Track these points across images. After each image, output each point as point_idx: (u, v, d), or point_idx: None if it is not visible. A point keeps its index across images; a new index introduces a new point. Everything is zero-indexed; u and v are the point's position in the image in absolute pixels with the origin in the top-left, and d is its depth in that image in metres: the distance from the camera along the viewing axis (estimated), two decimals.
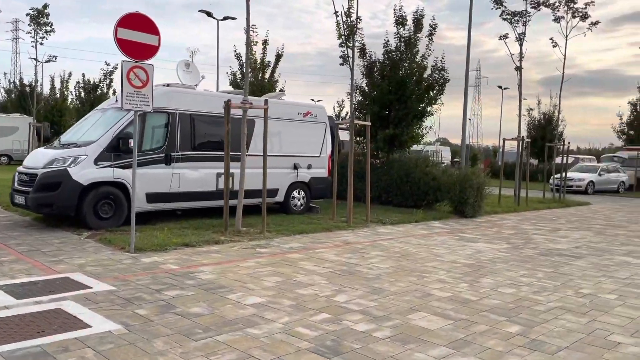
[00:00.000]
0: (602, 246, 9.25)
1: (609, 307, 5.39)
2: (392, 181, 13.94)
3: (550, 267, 7.26)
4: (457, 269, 6.95)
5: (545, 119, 31.80)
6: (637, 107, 29.65)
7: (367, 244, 8.55)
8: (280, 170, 11.12)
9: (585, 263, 7.67)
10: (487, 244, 8.97)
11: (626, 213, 15.62)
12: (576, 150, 56.86)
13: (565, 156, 19.91)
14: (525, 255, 8.08)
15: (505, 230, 10.81)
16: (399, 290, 5.70)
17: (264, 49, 18.80)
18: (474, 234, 10.18)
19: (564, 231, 11.07)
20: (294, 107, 11.60)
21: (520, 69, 15.83)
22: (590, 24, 16.84)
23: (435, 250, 8.19)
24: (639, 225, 12.68)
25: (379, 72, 14.22)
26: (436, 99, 14.22)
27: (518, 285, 6.15)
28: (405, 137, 14.02)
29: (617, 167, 25.99)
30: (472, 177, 12.78)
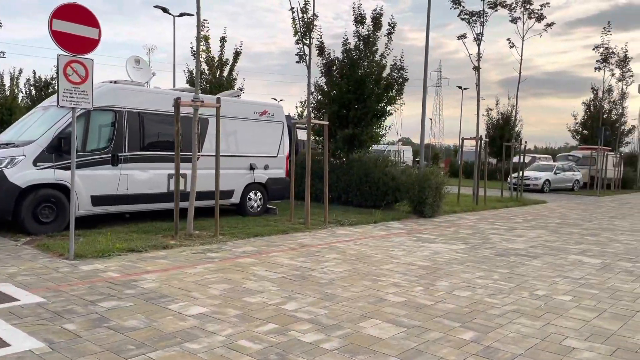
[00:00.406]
0: (558, 245, 9.31)
1: (563, 309, 5.32)
2: (352, 181, 13.78)
3: (506, 268, 7.19)
4: (413, 271, 6.79)
5: (503, 119, 32.34)
6: (591, 107, 30.52)
7: (323, 246, 8.31)
8: (236, 170, 10.77)
9: (541, 263, 7.65)
10: (445, 245, 8.88)
11: (581, 211, 15.95)
12: (533, 149, 58.33)
13: (523, 155, 20.24)
14: (482, 256, 8.02)
15: (463, 230, 10.78)
16: (352, 296, 5.48)
17: (221, 46, 18.32)
18: (432, 234, 10.10)
19: (521, 230, 11.13)
20: (250, 105, 11.26)
21: (479, 69, 15.94)
22: (545, 25, 17.17)
23: (392, 252, 8.03)
24: (593, 223, 12.92)
25: (338, 71, 14.02)
26: (395, 98, 14.13)
27: (474, 288, 6.03)
28: (365, 137, 13.87)
29: (572, 166, 26.70)
30: (430, 177, 12.73)
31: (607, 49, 24.18)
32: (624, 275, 7.01)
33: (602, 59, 24.55)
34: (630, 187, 29.12)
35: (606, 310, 5.31)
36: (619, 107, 29.82)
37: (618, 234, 11.02)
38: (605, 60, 24.63)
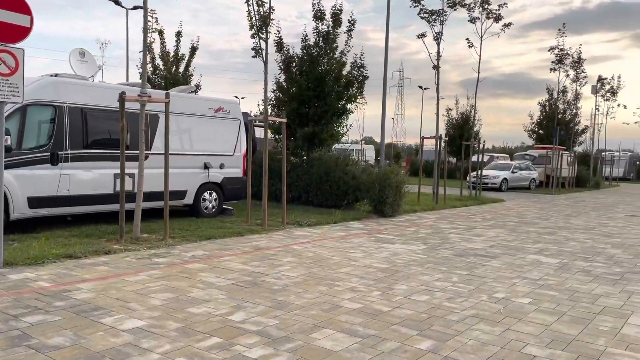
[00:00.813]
0: (516, 244, 9.26)
1: (523, 312, 5.15)
2: (312, 180, 13.48)
3: (465, 269, 7.03)
4: (371, 274, 6.53)
5: (462, 118, 32.80)
6: (546, 107, 31.24)
7: (279, 249, 7.97)
8: (189, 170, 10.28)
9: (500, 263, 7.54)
10: (404, 245, 8.68)
11: (537, 210, 16.15)
12: (492, 148, 59.56)
13: (481, 154, 20.43)
14: (441, 257, 7.85)
15: (423, 230, 10.64)
16: (306, 303, 5.16)
17: (177, 41, 17.72)
18: (392, 234, 9.90)
19: (480, 229, 11.08)
20: (204, 102, 10.78)
21: (438, 68, 15.92)
22: (503, 26, 17.33)
23: (350, 254, 7.76)
24: (549, 221, 13.04)
25: (297, 68, 13.69)
26: (356, 96, 13.91)
27: (432, 291, 5.81)
28: (325, 135, 13.60)
29: (529, 165, 27.23)
30: (391, 176, 12.57)
31: (562, 51, 24.75)
32: (582, 275, 6.96)
33: (557, 60, 25.11)
34: (583, 186, 29.96)
35: (566, 313, 5.17)
36: (573, 108, 30.65)
37: (574, 233, 11.11)
38: (560, 62, 25.19)
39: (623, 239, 10.49)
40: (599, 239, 10.36)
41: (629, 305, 5.53)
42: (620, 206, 18.62)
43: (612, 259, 8.22)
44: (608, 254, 8.66)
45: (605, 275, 6.99)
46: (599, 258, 8.22)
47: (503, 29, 17.35)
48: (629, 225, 12.75)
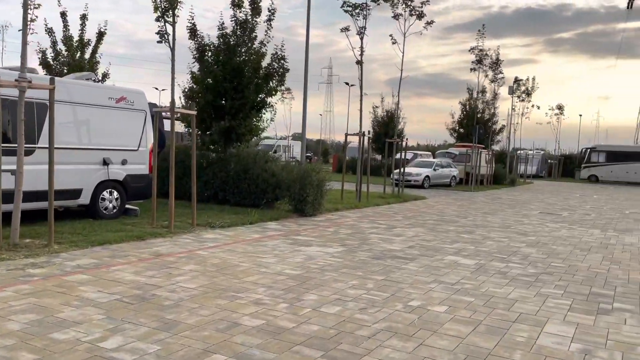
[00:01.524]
0: (434, 245, 9.06)
1: (438, 323, 4.78)
2: (229, 178, 12.72)
3: (382, 274, 6.64)
4: (281, 283, 5.96)
5: (388, 116, 33.17)
6: (467, 107, 32.18)
7: (182, 255, 7.21)
8: (85, 166, 9.22)
9: (417, 266, 7.23)
10: (321, 248, 8.19)
11: (457, 207, 16.33)
12: (416, 146, 61.14)
13: (404, 152, 20.51)
14: (359, 260, 7.43)
15: (343, 230, 10.23)
16: (199, 322, 4.50)
17: (82, 25, 16.23)
18: (310, 235, 9.39)
19: (400, 229, 10.85)
20: (103, 90, 9.73)
21: (362, 63, 15.64)
22: (425, 24, 17.36)
23: (262, 259, 7.15)
24: (468, 219, 13.12)
25: (213, 57, 12.85)
26: (276, 89, 13.29)
27: (344, 302, 5.33)
28: (243, 130, 12.86)
29: (450, 163, 27.87)
30: (312, 174, 12.09)
31: (482, 51, 25.46)
32: (498, 277, 6.78)
33: (477, 61, 25.82)
34: (500, 183, 31.15)
35: (482, 322, 4.86)
36: (491, 107, 31.78)
37: (491, 231, 11.16)
38: (479, 62, 25.93)
39: (537, 237, 10.64)
40: (514, 237, 10.44)
41: (544, 310, 5.33)
42: (534, 203, 19.33)
43: (527, 258, 8.18)
44: (523, 253, 8.65)
45: (520, 277, 6.86)
46: (514, 258, 8.16)
47: (426, 27, 17.40)
48: (542, 223, 13.08)
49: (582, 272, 7.37)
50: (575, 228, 12.38)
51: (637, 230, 12.42)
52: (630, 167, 41.29)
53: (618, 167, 41.75)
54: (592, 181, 42.33)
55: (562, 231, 11.71)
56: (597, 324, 4.95)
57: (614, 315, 5.26)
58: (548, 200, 21.29)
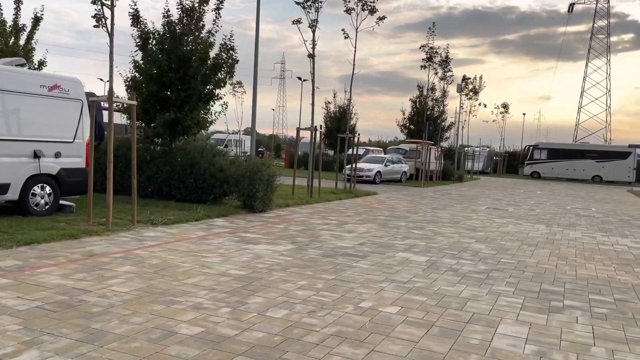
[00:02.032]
0: (386, 241, 8.89)
1: (390, 325, 4.55)
2: (175, 172, 12.15)
3: (333, 273, 6.37)
4: (224, 284, 5.58)
5: (340, 111, 33.11)
6: (417, 103, 32.54)
7: (118, 255, 6.68)
8: (13, 159, 8.47)
9: (368, 264, 7.01)
10: (270, 246, 7.85)
11: (407, 202, 16.35)
12: (368, 142, 61.61)
13: (356, 147, 20.40)
14: (309, 258, 7.13)
15: (293, 227, 9.91)
16: (129, 331, 4.07)
17: (16, 9, 15.16)
18: (259, 232, 9.02)
19: (351, 225, 10.64)
20: (34, 77, 8.97)
21: (313, 57, 15.33)
22: (378, 19, 17.25)
23: (205, 259, 6.73)
24: (418, 215, 13.09)
25: (157, 46, 12.20)
26: (225, 81, 12.78)
27: (292, 304, 5.02)
28: (190, 122, 12.28)
29: (400, 159, 28.08)
30: (261, 169, 11.70)
31: (432, 49, 25.72)
32: (450, 275, 6.65)
33: (428, 58, 26.07)
34: (449, 179, 31.70)
35: (435, 324, 4.67)
36: (440, 105, 32.26)
37: (441, 227, 11.14)
38: (430, 60, 26.19)
39: (486, 232, 10.70)
40: (464, 233, 10.44)
41: (497, 310, 5.21)
42: (482, 199, 19.67)
43: (477, 255, 8.14)
44: (473, 249, 8.61)
45: (472, 274, 6.76)
46: (465, 255, 8.10)
47: (378, 22, 17.29)
48: (490, 219, 13.23)
49: (531, 268, 7.37)
50: (522, 223, 12.58)
51: (580, 225, 12.76)
52: (570, 164, 43.11)
53: (559, 164, 43.51)
54: (535, 177, 43.91)
55: (510, 226, 11.86)
56: (549, 323, 4.87)
57: (566, 313, 5.21)
58: (494, 195, 21.75)
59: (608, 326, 4.86)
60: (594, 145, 47.14)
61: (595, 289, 6.32)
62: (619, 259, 8.43)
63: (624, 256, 8.75)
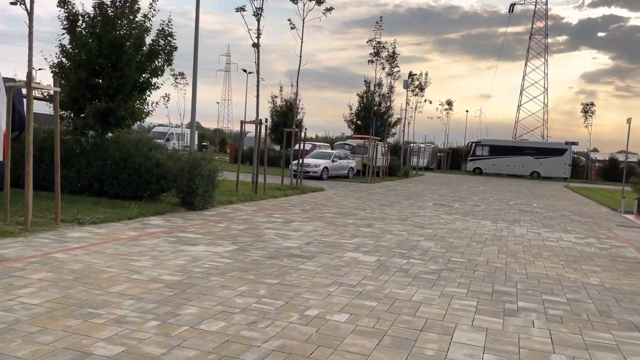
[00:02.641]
0: (334, 240, 8.49)
1: (338, 336, 4.13)
2: (107, 167, 11.23)
3: (276, 276, 5.89)
4: (155, 293, 4.98)
5: (287, 106, 32.55)
6: (364, 99, 32.50)
7: (34, 259, 5.91)
8: None
9: (315, 265, 6.58)
10: (209, 247, 7.26)
11: (355, 199, 16.08)
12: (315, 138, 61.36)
13: (303, 143, 19.96)
14: (251, 260, 6.61)
15: (236, 226, 9.34)
16: (35, 354, 3.42)
17: None
18: (198, 232, 8.39)
19: (297, 223, 10.18)
20: None
21: (258, 47, 14.71)
22: (325, 10, 16.83)
23: (135, 263, 6.07)
24: (366, 212, 12.81)
25: (87, 29, 11.23)
26: (162, 69, 11.96)
27: (230, 314, 4.50)
28: (123, 113, 11.40)
29: (347, 154, 27.89)
30: (202, 163, 11.02)
31: (379, 43, 25.63)
32: (400, 276, 6.32)
33: (375, 53, 25.97)
34: (395, 175, 31.88)
35: (387, 333, 4.29)
36: (387, 101, 32.37)
37: (389, 224, 10.88)
38: (377, 55, 26.10)
39: (434, 229, 10.53)
40: (412, 230, 10.22)
41: (451, 314, 4.90)
42: (428, 194, 19.73)
43: (427, 253, 7.88)
44: (423, 247, 8.37)
45: (423, 275, 6.46)
46: (415, 253, 7.82)
47: (325, 13, 16.88)
48: (437, 215, 13.14)
49: (482, 267, 7.18)
50: (469, 220, 12.56)
51: (524, 221, 12.89)
52: (510, 160, 44.60)
53: (500, 160, 44.92)
54: (477, 173, 45.13)
55: (457, 223, 11.78)
56: (506, 328, 4.60)
57: (521, 316, 4.97)
58: (440, 191, 21.93)
59: (565, 330, 4.65)
60: (533, 142, 49.03)
61: (547, 288, 6.17)
62: (566, 256, 8.43)
63: (570, 253, 8.77)
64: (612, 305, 5.55)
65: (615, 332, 4.68)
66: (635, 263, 8.16)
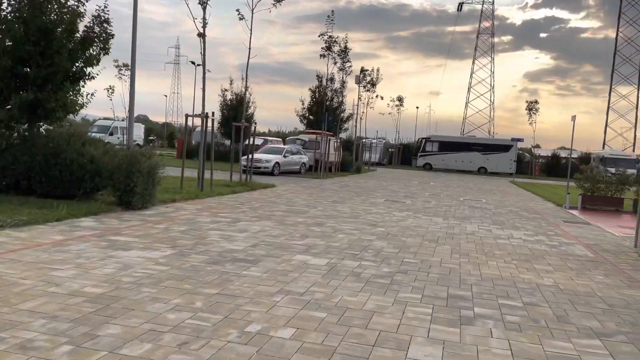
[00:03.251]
0: (282, 241, 8.02)
1: (282, 357, 3.67)
2: (36, 163, 10.29)
3: (217, 285, 5.37)
4: (73, 309, 4.35)
5: (237, 99, 31.73)
6: (316, 94, 32.09)
7: None
8: None
9: (261, 271, 6.09)
10: (144, 252, 6.63)
11: (307, 195, 15.65)
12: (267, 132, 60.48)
13: (253, 137, 19.33)
14: (190, 267, 6.05)
15: (177, 227, 8.70)
16: None
17: None
18: (133, 235, 7.72)
19: (245, 222, 9.65)
20: None
21: (204, 36, 13.99)
22: (275, 1, 16.28)
23: (56, 273, 5.39)
24: (318, 209, 12.41)
25: (13, 13, 10.24)
26: (98, 58, 11.09)
27: (160, 333, 3.96)
28: (54, 104, 10.48)
29: (300, 149, 27.42)
30: (141, 159, 10.27)
31: (331, 37, 25.28)
32: (351, 281, 5.93)
33: (327, 47, 25.60)
34: (347, 170, 31.68)
35: (336, 350, 3.87)
36: (339, 96, 32.10)
37: (341, 222, 10.51)
38: (329, 49, 25.75)
39: (386, 227, 10.24)
40: (365, 229, 9.89)
41: (406, 325, 4.54)
42: (379, 191, 19.57)
43: (379, 254, 7.54)
44: (375, 248, 8.03)
45: (375, 279, 6.10)
46: (367, 255, 7.46)
47: (275, 4, 16.33)
48: (389, 212, 12.90)
49: (436, 268, 6.90)
50: (420, 217, 12.39)
51: (475, 218, 12.85)
52: (459, 156, 45.43)
53: (449, 156, 45.66)
54: (427, 169, 45.72)
55: (409, 220, 11.57)
56: (463, 339, 4.28)
57: (478, 325, 4.67)
58: (391, 187, 21.85)
59: (524, 339, 4.38)
60: (480, 139, 50.13)
61: (502, 291, 5.93)
62: (517, 255, 8.30)
63: (521, 251, 8.67)
64: (569, 309, 5.36)
65: (575, 339, 4.46)
66: (586, 261, 8.13)
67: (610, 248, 9.56)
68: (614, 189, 17.43)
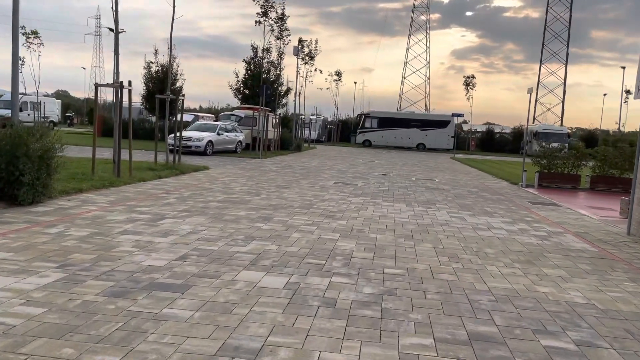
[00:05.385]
0: (221, 248, 6.03)
1: None
2: None
3: (117, 344, 3.34)
4: None
5: (163, 71, 28.72)
6: (251, 65, 29.65)
7: None
8: None
9: (191, 307, 4.11)
10: (13, 279, 4.43)
11: (246, 179, 13.59)
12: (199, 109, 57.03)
13: (181, 113, 16.87)
14: (80, 306, 3.95)
15: (75, 231, 6.45)
16: None
17: None
18: (7, 248, 5.43)
19: (171, 220, 7.52)
20: None
21: None
22: None
23: None
24: (262, 197, 10.42)
25: None
26: None
27: None
28: None
29: (235, 126, 25.09)
30: (29, 140, 7.83)
31: (267, 2, 22.91)
32: (326, 317, 4.08)
33: (263, 13, 23.23)
34: (287, 148, 29.70)
35: None
36: (277, 68, 29.84)
37: (292, 215, 8.62)
38: (265, 14, 23.39)
39: (347, 220, 8.47)
40: (322, 223, 8.06)
41: None
42: (326, 171, 17.81)
43: (352, 263, 5.74)
44: (343, 252, 6.22)
45: (358, 310, 4.28)
46: (336, 265, 5.64)
47: None
48: (343, 198, 11.15)
49: (430, 283, 5.19)
50: (380, 203, 10.74)
51: (439, 202, 11.37)
52: (397, 133, 44.57)
53: (388, 132, 44.69)
54: (367, 146, 44.56)
55: (370, 208, 9.87)
56: None
57: None
58: (337, 167, 20.17)
59: None
60: (419, 115, 49.55)
61: (534, 320, 4.30)
62: (513, 253, 6.79)
63: (514, 247, 7.18)
64: (636, 348, 3.81)
65: None
66: (594, 259, 6.75)
67: (604, 237, 8.32)
68: (571, 165, 16.65)
